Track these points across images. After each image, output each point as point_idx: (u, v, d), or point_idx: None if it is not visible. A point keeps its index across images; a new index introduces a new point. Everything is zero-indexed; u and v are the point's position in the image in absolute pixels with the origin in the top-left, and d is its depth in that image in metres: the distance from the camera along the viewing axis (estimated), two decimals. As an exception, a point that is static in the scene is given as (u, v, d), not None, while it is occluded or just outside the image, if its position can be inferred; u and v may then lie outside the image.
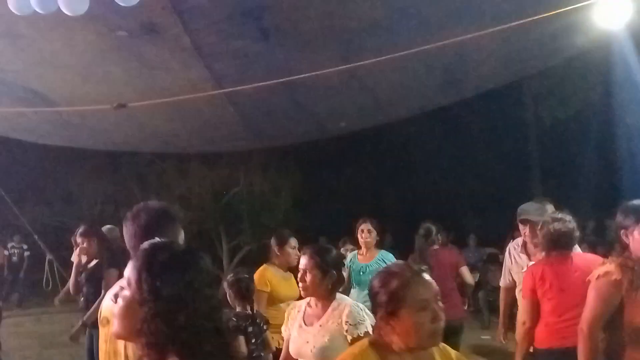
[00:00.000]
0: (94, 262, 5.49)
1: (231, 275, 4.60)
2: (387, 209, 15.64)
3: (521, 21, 4.48)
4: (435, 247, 5.92)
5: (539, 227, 4.01)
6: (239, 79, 5.96)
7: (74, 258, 5.50)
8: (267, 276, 4.74)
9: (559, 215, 3.97)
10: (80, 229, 5.59)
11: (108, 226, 6.35)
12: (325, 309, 3.12)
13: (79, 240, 5.48)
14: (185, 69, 5.72)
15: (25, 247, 13.24)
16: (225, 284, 4.47)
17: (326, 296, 3.14)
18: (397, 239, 15.10)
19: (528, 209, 4.53)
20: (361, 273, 5.44)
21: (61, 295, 7.17)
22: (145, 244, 1.55)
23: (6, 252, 13.25)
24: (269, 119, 7.28)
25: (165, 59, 5.58)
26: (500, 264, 6.21)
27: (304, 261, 3.22)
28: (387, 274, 2.09)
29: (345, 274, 3.45)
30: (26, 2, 3.85)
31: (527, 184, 14.56)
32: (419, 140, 14.93)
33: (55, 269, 10.44)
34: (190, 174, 14.21)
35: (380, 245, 5.79)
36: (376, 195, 15.89)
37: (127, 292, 1.49)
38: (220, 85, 6.00)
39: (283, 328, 3.37)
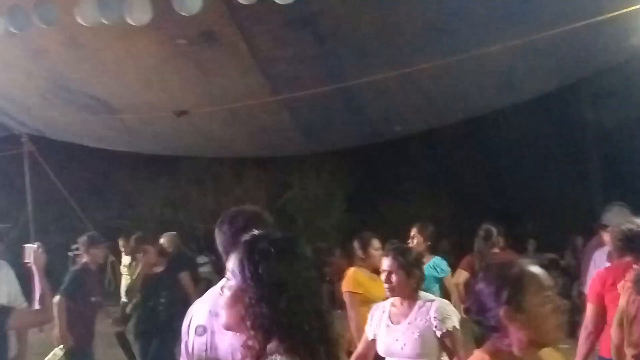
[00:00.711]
0: (159, 269, 5.65)
1: None
2: (443, 213, 15.45)
3: (579, 24, 4.38)
4: (496, 250, 5.78)
5: (613, 231, 3.87)
6: (295, 84, 6.04)
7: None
8: (358, 278, 4.77)
9: (634, 220, 3.82)
10: (136, 236, 5.75)
11: (169, 233, 6.52)
12: (411, 307, 3.22)
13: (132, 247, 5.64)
14: (242, 76, 5.82)
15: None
16: None
17: (411, 295, 3.25)
18: (454, 244, 14.94)
19: (612, 215, 4.40)
20: None
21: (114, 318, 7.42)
22: (246, 236, 1.64)
23: (70, 254, 13.71)
24: (323, 123, 7.33)
25: (223, 66, 5.70)
26: (561, 270, 6.05)
27: (387, 262, 3.31)
28: (499, 268, 2.00)
29: None
30: (93, 13, 4.01)
31: (586, 188, 14.14)
32: (474, 144, 14.70)
33: (117, 270, 10.79)
34: (246, 178, 14.42)
35: (434, 250, 5.71)
36: (431, 199, 15.70)
37: (232, 283, 1.58)
38: (276, 91, 6.08)
39: (366, 328, 3.44)
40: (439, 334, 3.05)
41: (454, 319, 3.09)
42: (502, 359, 1.92)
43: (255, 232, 1.66)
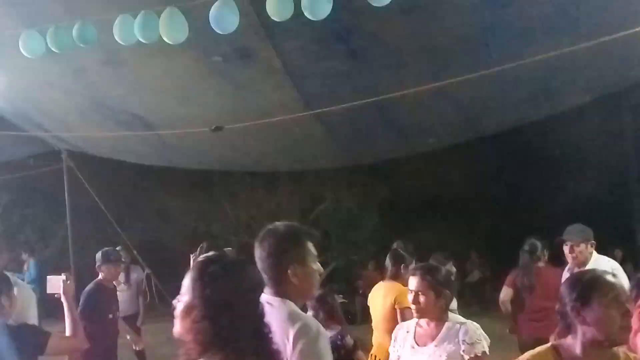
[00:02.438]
0: None
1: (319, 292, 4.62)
2: (478, 227, 15.27)
3: (617, 35, 4.30)
4: (541, 264, 5.66)
5: None
6: (328, 98, 6.05)
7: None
8: None
9: None
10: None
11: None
12: (439, 328, 3.09)
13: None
14: (276, 91, 5.87)
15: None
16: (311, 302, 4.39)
17: (440, 316, 3.12)
18: (486, 258, 14.72)
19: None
20: None
21: (140, 321, 7.46)
22: (200, 258, 1.85)
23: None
24: (356, 136, 7.33)
25: (257, 82, 5.76)
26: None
27: (415, 282, 3.16)
28: (580, 272, 2.40)
29: None
30: (130, 32, 4.10)
31: (627, 199, 13.81)
32: (510, 157, 14.49)
33: (153, 283, 10.92)
34: (279, 191, 14.47)
35: None
36: (467, 212, 15.52)
37: (184, 298, 1.77)
38: (309, 106, 6.11)
39: (390, 349, 3.35)
40: (466, 358, 2.92)
41: (484, 344, 2.95)
42: (562, 353, 2.11)
43: (210, 254, 1.85)
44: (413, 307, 3.16)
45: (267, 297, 2.38)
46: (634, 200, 14.08)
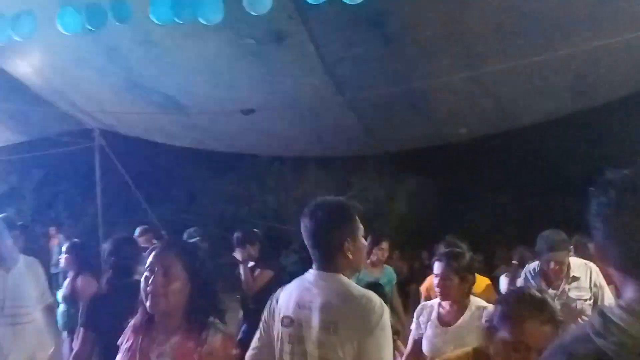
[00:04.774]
0: (251, 264, 5.69)
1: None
2: (506, 220, 15.08)
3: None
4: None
5: None
6: (360, 84, 6.01)
7: (239, 256, 5.68)
8: None
9: None
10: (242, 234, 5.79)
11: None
12: (462, 310, 3.25)
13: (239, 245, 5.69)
14: (307, 75, 5.84)
15: (155, 242, 14.04)
16: None
17: (463, 299, 3.27)
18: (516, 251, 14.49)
19: None
20: None
21: None
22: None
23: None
24: (387, 124, 7.27)
25: (290, 65, 5.73)
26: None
27: (440, 267, 3.31)
28: None
29: None
30: (166, 12, 4.11)
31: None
32: (544, 149, 14.23)
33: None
34: (307, 177, 14.48)
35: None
36: (494, 205, 15.33)
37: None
38: (341, 91, 6.07)
39: (412, 327, 3.48)
40: None
41: None
42: None
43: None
44: (437, 290, 3.32)
45: (315, 273, 2.36)
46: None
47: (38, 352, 4.42)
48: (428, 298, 4.59)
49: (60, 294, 5.74)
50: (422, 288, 5.01)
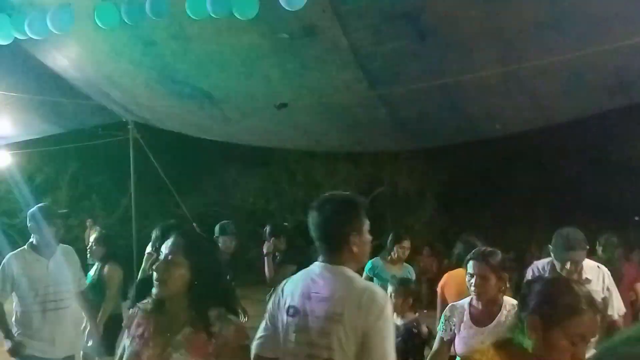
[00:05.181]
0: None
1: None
2: (540, 217, 14.86)
3: None
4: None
5: None
6: (393, 80, 5.96)
7: (265, 249, 5.79)
8: None
9: None
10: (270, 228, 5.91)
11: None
12: (495, 310, 3.23)
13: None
14: (340, 70, 5.81)
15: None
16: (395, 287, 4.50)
17: (497, 298, 3.25)
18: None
19: None
20: None
21: None
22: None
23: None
24: (420, 120, 7.19)
25: (323, 60, 5.71)
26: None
27: (476, 266, 3.28)
28: None
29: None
30: (202, 6, 4.13)
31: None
32: (581, 147, 13.99)
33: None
34: (337, 172, 14.49)
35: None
36: (529, 202, 15.11)
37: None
38: (373, 86, 6.03)
39: (439, 327, 3.45)
40: None
41: None
42: None
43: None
44: (473, 289, 3.28)
45: (321, 265, 2.38)
46: None
47: (78, 335, 4.76)
48: (443, 298, 4.55)
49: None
50: (438, 287, 4.91)
